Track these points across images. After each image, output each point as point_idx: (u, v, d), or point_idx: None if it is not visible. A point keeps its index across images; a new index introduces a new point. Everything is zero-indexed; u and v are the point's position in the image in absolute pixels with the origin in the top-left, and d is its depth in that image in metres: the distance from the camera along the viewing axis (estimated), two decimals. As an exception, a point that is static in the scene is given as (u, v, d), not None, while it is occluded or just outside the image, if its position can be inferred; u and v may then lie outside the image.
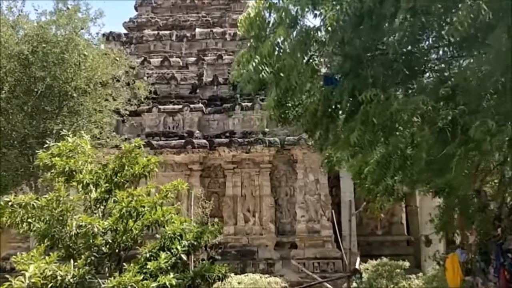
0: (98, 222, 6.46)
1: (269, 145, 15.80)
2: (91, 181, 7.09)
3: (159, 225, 7.24)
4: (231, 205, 15.88)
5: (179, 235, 6.58)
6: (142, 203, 6.50)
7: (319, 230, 15.66)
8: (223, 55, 18.71)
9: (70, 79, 10.74)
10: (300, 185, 15.94)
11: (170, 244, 6.59)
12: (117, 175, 7.27)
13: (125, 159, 7.30)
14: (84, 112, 11.38)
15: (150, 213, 6.86)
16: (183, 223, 6.61)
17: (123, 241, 6.98)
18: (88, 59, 10.84)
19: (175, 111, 16.70)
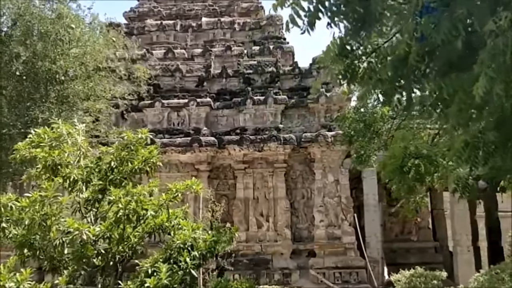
0: (88, 228, 5.32)
1: (284, 142, 14.62)
2: (81, 178, 5.95)
3: (163, 232, 6.11)
4: (242, 209, 14.69)
5: (190, 245, 5.42)
6: (145, 205, 5.34)
7: (340, 236, 14.43)
8: (232, 46, 17.58)
9: (57, 58, 9.61)
10: (319, 186, 14.74)
11: (177, 255, 5.43)
12: (113, 171, 6.13)
13: (125, 152, 6.17)
14: (75, 98, 10.21)
15: (153, 217, 5.72)
16: (195, 230, 5.43)
17: (119, 251, 5.83)
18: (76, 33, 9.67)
19: (180, 106, 15.56)
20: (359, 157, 8.75)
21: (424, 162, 7.61)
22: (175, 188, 5.67)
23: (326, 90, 15.14)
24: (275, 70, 16.00)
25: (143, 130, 6.13)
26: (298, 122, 15.45)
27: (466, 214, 14.45)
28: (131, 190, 5.35)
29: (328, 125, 14.87)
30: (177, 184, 5.76)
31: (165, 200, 5.57)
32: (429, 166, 7.59)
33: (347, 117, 9.25)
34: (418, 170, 7.51)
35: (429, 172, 7.75)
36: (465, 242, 14.15)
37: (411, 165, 7.45)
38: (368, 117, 8.76)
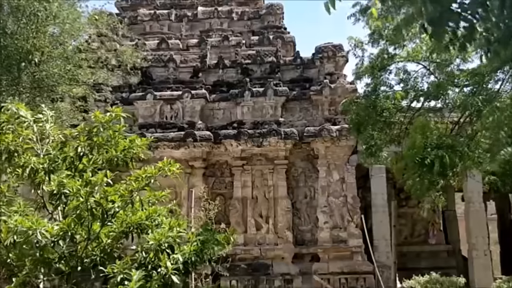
0: (44, 226, 4.39)
1: (285, 137, 13.68)
2: (42, 167, 5.01)
3: (142, 232, 5.16)
4: (239, 209, 13.74)
5: (169, 246, 4.47)
6: (110, 196, 4.40)
7: (346, 239, 13.48)
8: (230, 36, 16.66)
9: (30, 37, 8.65)
10: (323, 185, 13.79)
11: (155, 259, 4.49)
12: (81, 159, 5.18)
13: (96, 137, 5.21)
14: (49, 81, 9.24)
15: (125, 213, 4.78)
16: (174, 228, 4.49)
17: (88, 254, 4.88)
18: (53, 8, 8.70)
19: (174, 98, 14.63)
20: (368, 149, 7.80)
21: (449, 153, 6.69)
22: (144, 174, 4.69)
23: (330, 81, 14.23)
24: (275, 60, 15.08)
25: (117, 108, 5.16)
26: (300, 115, 14.52)
27: (482, 215, 13.52)
28: (92, 179, 4.40)
29: (332, 119, 13.94)
30: (148, 168, 4.78)
31: (136, 188, 4.60)
32: (453, 157, 6.67)
33: (356, 102, 8.31)
34: (442, 162, 6.60)
35: (454, 164, 6.83)
36: (481, 245, 13.19)
37: (435, 156, 6.53)
38: (380, 102, 7.82)
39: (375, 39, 8.70)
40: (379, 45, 8.78)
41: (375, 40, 8.69)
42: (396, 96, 7.97)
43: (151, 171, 4.62)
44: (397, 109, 8.21)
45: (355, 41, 8.82)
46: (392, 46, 8.75)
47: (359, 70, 8.43)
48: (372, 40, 8.71)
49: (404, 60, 8.91)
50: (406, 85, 8.41)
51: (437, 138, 6.90)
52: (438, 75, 8.64)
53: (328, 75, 14.47)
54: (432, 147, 6.57)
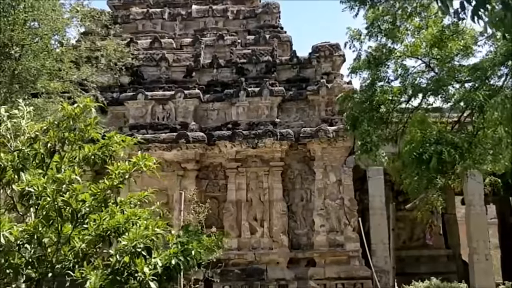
0: (9, 229, 4.01)
1: (281, 138, 13.32)
2: (11, 164, 4.63)
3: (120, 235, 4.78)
4: (233, 212, 13.35)
5: (145, 248, 4.09)
6: (80, 195, 4.02)
7: (342, 243, 13.10)
8: (225, 35, 16.32)
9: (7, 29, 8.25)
10: (319, 187, 13.42)
11: (131, 264, 4.11)
12: (52, 156, 4.80)
13: (67, 132, 4.83)
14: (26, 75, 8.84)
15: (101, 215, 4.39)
16: (151, 228, 4.10)
17: (60, 259, 4.49)
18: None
19: (166, 98, 14.27)
20: (363, 145, 7.44)
21: (448, 148, 6.33)
22: (118, 170, 4.30)
23: (327, 81, 13.89)
24: (271, 60, 14.74)
25: (86, 99, 4.77)
26: (297, 116, 14.16)
27: (483, 218, 13.15)
28: (58, 176, 4.02)
29: (329, 119, 13.59)
30: (121, 164, 4.39)
31: (108, 186, 4.22)
32: (453, 153, 6.31)
33: (351, 97, 7.96)
34: (440, 158, 6.24)
35: (453, 161, 6.47)
36: (482, 249, 12.83)
37: (432, 152, 6.18)
38: (376, 97, 7.47)
39: (373, 32, 8.36)
40: (377, 39, 8.44)
41: (373, 33, 8.36)
42: (393, 90, 7.62)
43: (125, 167, 4.22)
44: (395, 105, 7.85)
45: (353, 32, 8.47)
46: (390, 40, 8.41)
47: (356, 64, 8.08)
48: (370, 33, 8.37)
49: (403, 55, 8.58)
50: (405, 80, 8.06)
51: (437, 134, 6.55)
52: (438, 70, 8.30)
53: (325, 75, 14.14)
54: (431, 143, 6.23)
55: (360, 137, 7.46)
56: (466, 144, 6.96)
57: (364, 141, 7.53)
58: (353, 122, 7.78)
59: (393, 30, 8.29)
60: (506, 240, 18.31)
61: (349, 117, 7.86)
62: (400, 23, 8.40)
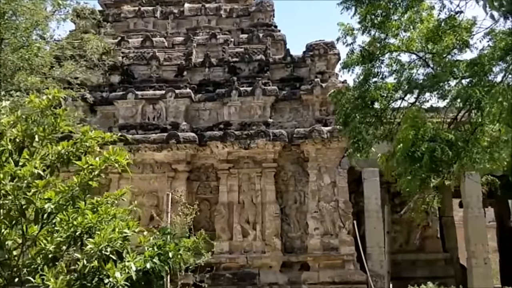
0: (-34, 229, 3.71)
1: (274, 139, 13.04)
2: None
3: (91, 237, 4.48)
4: (225, 215, 13.05)
5: (115, 251, 3.79)
6: (42, 193, 3.73)
7: (337, 247, 12.80)
8: (218, 34, 16.04)
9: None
10: (313, 189, 13.14)
11: (99, 268, 3.81)
12: (21, 153, 4.50)
13: (36, 126, 4.52)
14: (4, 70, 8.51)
15: (70, 215, 4.09)
16: (118, 230, 3.81)
17: (26, 263, 4.19)
18: None
19: (156, 98, 13.97)
20: (355, 143, 7.16)
21: (442, 146, 6.06)
22: (86, 166, 3.99)
23: (321, 80, 13.63)
24: (265, 59, 14.47)
25: (55, 90, 4.47)
26: (290, 116, 13.89)
27: (482, 221, 12.88)
28: (18, 172, 3.72)
29: (323, 120, 13.33)
30: (90, 159, 4.08)
31: (78, 183, 3.91)
32: (447, 152, 6.03)
33: (343, 93, 7.68)
34: (433, 156, 5.96)
35: (448, 159, 6.19)
36: (481, 253, 12.55)
37: (425, 149, 5.91)
38: (370, 93, 7.20)
39: (366, 27, 8.11)
40: (370, 34, 8.18)
41: (366, 27, 8.10)
42: (387, 86, 7.35)
43: (95, 162, 3.92)
44: (389, 101, 7.58)
45: (345, 28, 8.21)
46: (384, 34, 8.16)
47: (349, 59, 7.81)
48: (363, 27, 8.11)
49: (397, 50, 8.31)
50: (400, 76, 7.80)
51: (431, 131, 6.28)
52: (434, 66, 8.04)
53: (319, 74, 13.88)
54: (424, 140, 5.95)
55: (352, 134, 7.17)
56: (463, 142, 6.69)
57: (356, 139, 7.25)
58: (345, 119, 7.50)
59: (387, 24, 8.05)
60: (504, 243, 18.06)
61: (340, 114, 7.59)
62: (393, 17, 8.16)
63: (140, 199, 13.48)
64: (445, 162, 6.56)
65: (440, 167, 6.69)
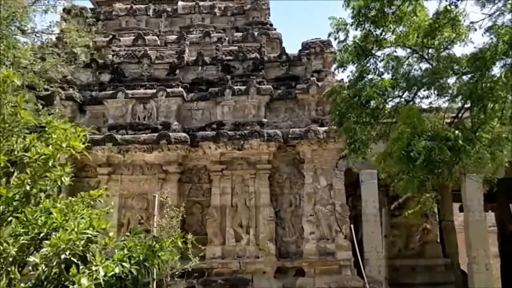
0: None
1: (268, 139, 12.67)
2: None
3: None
4: (217, 218, 12.66)
5: (77, 254, 3.41)
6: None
7: (333, 252, 12.41)
8: (212, 32, 15.72)
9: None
10: (309, 192, 12.76)
11: (60, 274, 3.43)
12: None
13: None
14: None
15: (32, 214, 3.73)
16: (78, 231, 3.43)
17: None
18: None
19: (147, 97, 13.61)
20: (351, 144, 6.80)
21: (440, 145, 5.69)
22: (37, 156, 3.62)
23: (317, 79, 13.28)
24: (259, 57, 14.12)
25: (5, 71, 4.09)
26: (285, 116, 13.54)
27: (483, 225, 12.51)
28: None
29: (320, 120, 12.97)
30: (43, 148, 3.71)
31: (29, 177, 3.54)
32: (446, 151, 5.67)
33: (338, 91, 7.33)
34: (429, 156, 5.60)
35: (449, 160, 5.83)
36: (482, 258, 12.17)
37: (421, 148, 5.55)
38: (365, 91, 6.84)
39: (359, 21, 7.78)
40: (364, 28, 7.86)
41: (360, 22, 7.77)
42: (383, 83, 7.00)
43: (48, 151, 3.55)
44: (385, 99, 7.23)
45: (337, 22, 7.88)
46: (379, 28, 7.83)
47: (342, 56, 7.47)
48: (356, 22, 7.78)
49: (393, 45, 7.98)
50: (397, 72, 7.45)
51: (429, 129, 5.92)
52: (434, 61, 7.71)
53: (315, 73, 13.54)
54: (421, 139, 5.59)
55: (347, 134, 6.81)
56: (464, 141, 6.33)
57: (352, 140, 6.89)
58: (340, 119, 7.14)
59: (381, 17, 7.73)
60: (505, 248, 17.69)
61: (335, 114, 7.23)
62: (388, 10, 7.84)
63: (129, 202, 13.12)
64: (444, 162, 6.20)
65: (439, 168, 6.32)
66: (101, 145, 12.95)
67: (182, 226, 12.90)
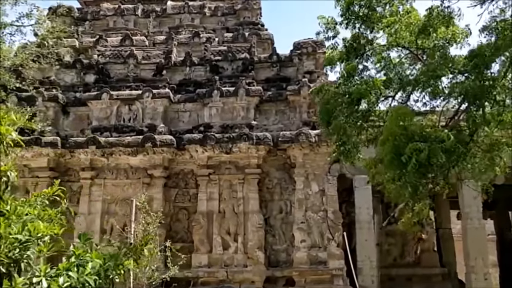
0: None
1: (257, 142, 12.22)
2: None
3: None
4: (204, 225, 12.17)
5: (9, 264, 2.95)
6: None
7: (325, 260, 11.93)
8: (201, 32, 15.32)
9: None
10: (300, 198, 12.30)
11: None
12: None
13: None
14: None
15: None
16: (16, 234, 2.98)
17: None
18: None
19: (133, 98, 13.16)
20: (341, 146, 6.35)
21: (432, 147, 5.25)
22: None
23: (309, 80, 12.87)
24: (249, 57, 13.70)
25: None
26: (276, 119, 13.10)
27: (482, 233, 12.06)
28: None
29: (311, 122, 12.53)
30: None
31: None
32: (440, 154, 5.22)
33: (326, 89, 6.90)
34: (421, 158, 5.15)
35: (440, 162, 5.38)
36: (481, 267, 11.72)
37: (413, 151, 5.10)
38: (356, 88, 6.41)
39: (349, 19, 7.38)
40: (354, 27, 7.47)
41: (349, 20, 7.37)
42: (375, 82, 6.57)
43: None
44: (377, 99, 6.80)
45: (327, 21, 7.48)
46: (369, 28, 7.44)
47: (331, 55, 7.05)
48: (346, 20, 7.38)
49: (387, 45, 7.58)
50: (389, 71, 7.03)
51: (420, 129, 5.48)
52: (427, 61, 7.30)
53: (307, 74, 13.13)
54: (410, 139, 5.14)
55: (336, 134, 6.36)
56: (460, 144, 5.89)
57: (341, 141, 6.45)
58: (328, 118, 6.70)
59: (372, 16, 7.33)
60: (505, 257, 17.25)
61: (323, 112, 6.79)
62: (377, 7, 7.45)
63: (113, 207, 12.64)
64: (437, 166, 5.75)
65: (432, 172, 5.87)
66: (84, 148, 12.50)
67: (168, 233, 12.47)
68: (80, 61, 14.25)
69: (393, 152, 5.26)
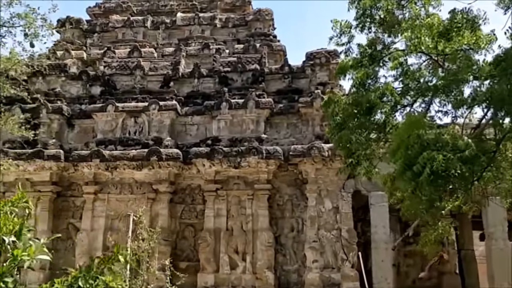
0: None
1: (267, 156, 11.75)
2: None
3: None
4: (211, 243, 11.68)
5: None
6: None
7: (339, 282, 11.30)
8: (211, 44, 15.03)
9: None
10: (312, 215, 11.74)
11: None
12: None
13: None
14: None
15: None
16: None
17: None
18: None
19: (139, 110, 12.85)
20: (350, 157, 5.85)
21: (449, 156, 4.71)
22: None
23: (322, 92, 12.39)
24: (259, 68, 13.33)
25: None
26: (287, 132, 12.64)
27: (508, 254, 11.31)
28: None
29: (324, 136, 11.99)
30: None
31: None
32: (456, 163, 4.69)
33: (336, 100, 6.44)
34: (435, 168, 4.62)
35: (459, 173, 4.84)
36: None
37: (425, 160, 4.57)
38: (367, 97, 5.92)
39: (365, 23, 6.95)
40: (370, 32, 7.03)
41: (365, 24, 6.94)
42: (388, 89, 6.07)
43: None
44: (393, 108, 6.30)
45: (341, 25, 7.06)
46: (387, 32, 6.99)
47: (344, 63, 6.61)
48: (361, 24, 6.95)
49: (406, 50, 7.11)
50: (406, 77, 6.54)
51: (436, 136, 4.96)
52: (448, 67, 6.79)
53: (320, 85, 12.68)
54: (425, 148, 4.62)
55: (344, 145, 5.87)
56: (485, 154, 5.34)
57: (350, 152, 5.95)
58: (338, 130, 6.22)
59: (389, 19, 6.89)
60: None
61: (332, 124, 6.32)
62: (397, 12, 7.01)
63: (116, 223, 12.24)
64: (456, 178, 5.19)
65: (449, 185, 5.32)
66: (87, 161, 12.19)
67: (173, 251, 12.01)
68: (86, 72, 14.06)
69: (405, 162, 4.75)
